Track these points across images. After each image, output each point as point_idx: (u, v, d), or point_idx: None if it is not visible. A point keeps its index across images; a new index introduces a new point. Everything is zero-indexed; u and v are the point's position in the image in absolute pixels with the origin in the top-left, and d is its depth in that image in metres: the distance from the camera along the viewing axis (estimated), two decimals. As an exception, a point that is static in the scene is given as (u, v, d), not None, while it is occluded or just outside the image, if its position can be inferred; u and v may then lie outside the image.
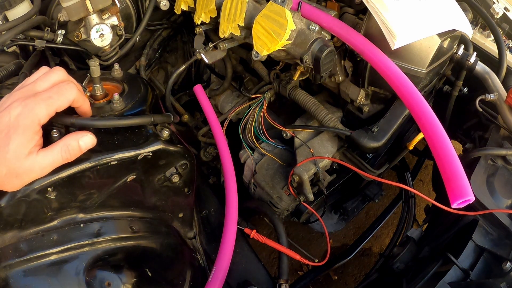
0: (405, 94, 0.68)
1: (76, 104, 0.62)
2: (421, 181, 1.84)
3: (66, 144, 0.56)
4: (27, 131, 0.52)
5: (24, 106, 0.52)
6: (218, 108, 1.15)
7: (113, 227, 0.72)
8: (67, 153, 0.57)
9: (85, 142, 0.58)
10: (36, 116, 0.53)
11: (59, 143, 0.56)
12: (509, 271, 0.69)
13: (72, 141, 0.57)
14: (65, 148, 0.56)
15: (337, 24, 0.77)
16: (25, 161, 0.53)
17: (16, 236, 0.64)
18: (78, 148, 0.58)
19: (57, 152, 0.56)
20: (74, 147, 0.57)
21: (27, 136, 0.52)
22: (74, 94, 0.59)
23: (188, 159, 0.79)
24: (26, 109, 0.52)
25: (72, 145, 0.57)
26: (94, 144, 0.60)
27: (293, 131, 0.94)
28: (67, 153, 0.57)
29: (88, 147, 0.59)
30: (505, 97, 0.87)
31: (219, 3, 0.84)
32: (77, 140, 0.57)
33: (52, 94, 0.56)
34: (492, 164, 0.87)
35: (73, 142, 0.57)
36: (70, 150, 0.57)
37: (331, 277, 1.53)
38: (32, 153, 0.53)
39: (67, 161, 0.58)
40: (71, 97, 0.58)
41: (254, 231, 0.89)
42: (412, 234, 0.89)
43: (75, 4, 0.79)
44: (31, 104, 0.53)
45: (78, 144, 0.57)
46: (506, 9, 1.11)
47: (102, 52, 0.95)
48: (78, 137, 0.57)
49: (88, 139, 0.58)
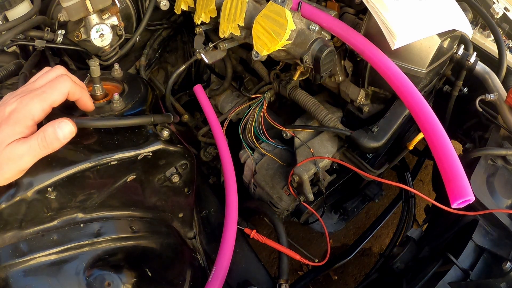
0: (405, 94, 0.68)
1: (73, 97, 0.60)
2: (421, 181, 1.84)
3: (43, 131, 0.54)
4: (17, 124, 0.52)
5: (19, 102, 0.53)
6: (218, 108, 1.15)
7: (113, 227, 0.72)
8: (43, 140, 0.54)
9: (62, 130, 0.55)
10: (29, 112, 0.53)
11: (37, 132, 0.54)
12: (509, 271, 0.69)
13: (48, 127, 0.54)
14: (41, 135, 0.54)
15: (337, 24, 0.77)
16: (5, 149, 0.52)
17: (16, 236, 0.64)
18: (55, 136, 0.54)
19: (34, 139, 0.54)
20: (50, 134, 0.54)
21: (16, 129, 0.52)
22: (67, 87, 0.57)
23: (188, 159, 0.79)
24: (20, 104, 0.53)
25: (48, 132, 0.54)
26: (73, 132, 0.56)
27: (293, 131, 0.94)
28: (43, 141, 0.54)
29: (66, 135, 0.55)
30: (505, 97, 0.87)
31: (219, 3, 0.84)
32: (54, 127, 0.54)
33: (45, 89, 0.55)
34: (492, 164, 0.87)
35: (49, 128, 0.54)
36: (46, 138, 0.54)
37: (331, 277, 1.53)
38: (13, 142, 0.53)
39: (45, 150, 0.55)
40: (64, 89, 0.57)
41: (254, 231, 0.89)
42: (412, 234, 0.89)
43: (75, 4, 0.79)
44: (25, 100, 0.53)
45: (55, 131, 0.54)
46: (506, 9, 1.11)
47: (102, 52, 0.95)
48: (55, 124, 0.54)
49: (66, 125, 0.55)
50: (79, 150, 0.67)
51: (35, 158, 0.55)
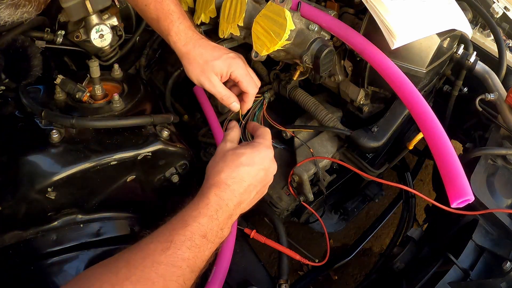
0: (405, 94, 0.68)
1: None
2: (421, 181, 1.84)
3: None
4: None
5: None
6: (218, 108, 1.15)
7: (113, 227, 0.72)
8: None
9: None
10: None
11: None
12: (509, 271, 0.69)
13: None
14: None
15: (336, 24, 0.77)
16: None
17: (16, 236, 0.64)
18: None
19: None
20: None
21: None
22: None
23: (188, 159, 0.79)
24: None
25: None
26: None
27: (293, 131, 0.94)
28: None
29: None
30: (505, 96, 0.87)
31: (219, 4, 0.84)
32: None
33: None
34: (492, 164, 0.87)
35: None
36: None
37: (331, 277, 1.53)
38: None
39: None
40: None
41: (254, 231, 0.89)
42: (412, 234, 0.89)
43: (75, 4, 0.79)
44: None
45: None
46: (506, 8, 1.11)
47: (102, 52, 0.95)
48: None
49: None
50: (79, 150, 0.67)
51: None
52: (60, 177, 0.64)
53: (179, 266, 0.51)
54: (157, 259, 0.50)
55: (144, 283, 0.48)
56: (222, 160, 0.64)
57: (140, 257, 0.50)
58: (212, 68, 0.74)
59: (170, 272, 0.50)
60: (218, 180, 0.61)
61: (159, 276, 0.49)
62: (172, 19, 0.75)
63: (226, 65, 0.75)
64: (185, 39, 0.76)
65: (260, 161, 0.65)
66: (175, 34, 0.75)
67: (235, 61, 0.76)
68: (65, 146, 0.67)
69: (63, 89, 0.75)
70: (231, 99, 0.78)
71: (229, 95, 0.77)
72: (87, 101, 0.75)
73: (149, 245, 0.51)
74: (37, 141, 0.67)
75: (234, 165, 0.62)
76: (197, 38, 0.76)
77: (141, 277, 0.48)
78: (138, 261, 0.49)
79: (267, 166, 0.66)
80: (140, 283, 0.47)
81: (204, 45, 0.76)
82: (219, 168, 0.62)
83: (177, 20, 0.75)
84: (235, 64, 0.76)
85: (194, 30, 0.78)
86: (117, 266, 0.49)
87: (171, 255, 0.50)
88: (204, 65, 0.75)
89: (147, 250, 0.51)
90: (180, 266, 0.51)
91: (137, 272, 0.48)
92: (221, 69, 0.75)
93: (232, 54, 0.77)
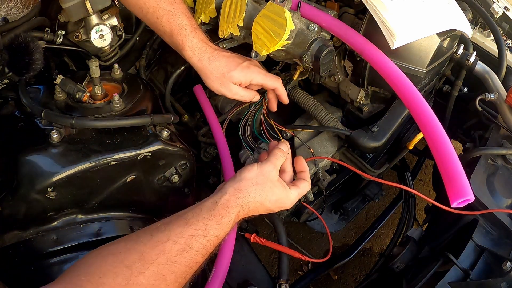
0: (405, 94, 0.68)
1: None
2: (421, 181, 1.84)
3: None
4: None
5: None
6: (218, 108, 1.15)
7: (113, 227, 0.72)
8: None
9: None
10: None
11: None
12: (509, 271, 0.69)
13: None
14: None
15: (336, 24, 0.77)
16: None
17: (16, 236, 0.64)
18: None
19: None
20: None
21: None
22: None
23: (187, 159, 0.79)
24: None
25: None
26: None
27: (293, 131, 0.94)
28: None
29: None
30: (505, 96, 0.87)
31: (219, 4, 0.84)
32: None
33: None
34: (492, 164, 0.87)
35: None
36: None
37: (331, 277, 1.53)
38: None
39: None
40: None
41: (254, 234, 0.89)
42: (412, 234, 0.89)
43: (75, 4, 0.79)
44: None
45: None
46: (506, 8, 1.11)
47: (102, 52, 0.95)
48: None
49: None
50: (79, 150, 0.67)
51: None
52: (60, 177, 0.64)
53: (190, 267, 0.54)
54: (172, 259, 0.52)
55: (157, 278, 0.50)
56: (263, 182, 0.67)
57: (155, 253, 0.52)
58: (230, 79, 0.78)
59: (182, 271, 0.53)
60: (246, 192, 0.64)
61: (171, 273, 0.52)
62: (185, 34, 0.77)
63: (243, 75, 0.79)
64: (199, 54, 0.78)
65: (286, 201, 0.70)
66: (189, 49, 0.78)
67: (250, 70, 0.79)
68: (65, 146, 0.67)
69: (63, 89, 0.75)
70: (255, 97, 0.84)
71: (252, 96, 0.83)
72: (87, 101, 0.75)
73: (165, 243, 0.53)
74: (37, 141, 0.67)
75: (266, 189, 0.66)
76: (211, 51, 0.79)
77: (154, 272, 0.50)
78: (153, 256, 0.51)
79: (287, 206, 0.71)
80: (153, 277, 0.50)
81: (218, 58, 0.78)
82: (254, 183, 0.66)
83: (190, 34, 0.77)
84: (252, 73, 0.79)
85: (208, 42, 0.80)
86: (129, 259, 0.50)
87: (186, 257, 0.54)
88: (222, 78, 0.78)
89: (163, 247, 0.52)
90: (191, 267, 0.54)
91: (151, 267, 0.50)
92: (239, 79, 0.79)
93: (246, 63, 0.80)
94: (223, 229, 0.59)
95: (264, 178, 0.66)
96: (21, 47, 0.68)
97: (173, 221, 0.57)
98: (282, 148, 0.73)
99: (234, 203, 0.62)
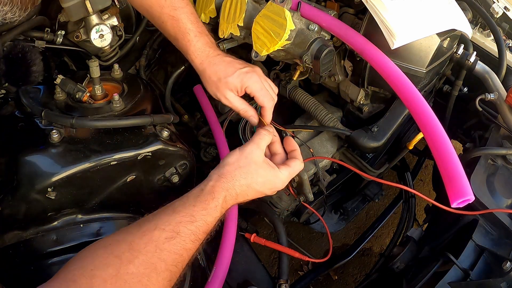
0: (405, 94, 0.68)
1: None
2: (421, 181, 1.84)
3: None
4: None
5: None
6: (218, 108, 1.15)
7: (113, 227, 0.72)
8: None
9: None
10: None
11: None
12: (509, 271, 0.69)
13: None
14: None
15: (336, 24, 0.77)
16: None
17: (16, 236, 0.64)
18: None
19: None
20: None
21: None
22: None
23: (187, 159, 0.79)
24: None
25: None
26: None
27: (293, 131, 0.94)
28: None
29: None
30: (505, 96, 0.87)
31: (219, 4, 0.84)
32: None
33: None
34: (492, 164, 0.87)
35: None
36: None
37: (331, 277, 1.53)
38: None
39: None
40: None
41: (254, 235, 0.89)
42: (412, 234, 0.89)
43: (75, 4, 0.79)
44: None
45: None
46: (506, 8, 1.11)
47: (102, 52, 0.95)
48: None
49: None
50: (79, 150, 0.67)
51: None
52: (60, 177, 0.64)
53: (180, 254, 0.54)
54: (161, 246, 0.52)
55: (147, 266, 0.50)
56: (247, 164, 0.66)
57: (143, 242, 0.52)
58: (226, 85, 0.76)
59: (172, 259, 0.53)
60: (230, 176, 0.64)
61: (161, 261, 0.52)
62: (189, 38, 0.77)
63: (239, 81, 0.76)
64: (201, 57, 0.78)
65: (276, 182, 0.69)
66: (192, 52, 0.78)
67: (248, 76, 0.77)
68: (65, 146, 0.67)
69: (63, 89, 0.75)
70: (249, 112, 0.79)
71: (246, 109, 0.79)
72: (87, 101, 0.75)
73: (153, 231, 0.53)
74: (37, 141, 0.67)
75: (251, 171, 0.66)
76: (213, 56, 0.78)
77: (144, 261, 0.50)
78: (141, 245, 0.51)
79: (278, 187, 0.70)
80: (143, 266, 0.50)
81: (218, 63, 0.78)
82: (237, 166, 0.65)
83: (194, 39, 0.77)
84: (249, 80, 0.76)
85: (211, 46, 0.79)
86: (119, 249, 0.51)
87: (175, 244, 0.54)
88: (218, 83, 0.77)
89: (150, 235, 0.53)
90: (181, 254, 0.54)
91: (140, 256, 0.51)
92: (235, 85, 0.77)
93: (246, 68, 0.77)
94: (211, 214, 0.59)
95: (247, 160, 0.66)
96: (19, 57, 0.67)
97: (161, 211, 0.58)
98: (267, 129, 0.73)
99: (219, 188, 0.62)
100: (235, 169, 0.65)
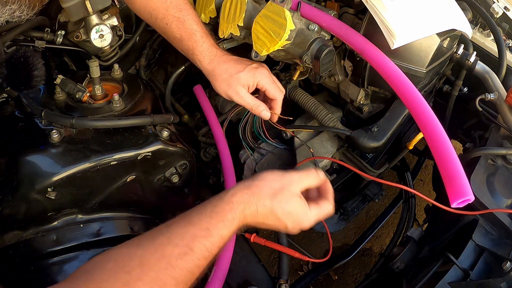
0: (405, 94, 0.68)
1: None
2: (421, 181, 1.84)
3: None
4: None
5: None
6: (218, 108, 1.15)
7: (113, 227, 0.72)
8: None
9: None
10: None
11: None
12: (509, 271, 0.69)
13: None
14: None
15: (336, 24, 0.77)
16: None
17: (16, 236, 0.64)
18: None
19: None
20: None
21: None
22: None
23: (187, 159, 0.79)
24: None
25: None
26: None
27: (293, 131, 0.94)
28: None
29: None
30: (505, 96, 0.87)
31: (219, 4, 0.84)
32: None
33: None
34: (492, 164, 0.87)
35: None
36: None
37: (331, 277, 1.53)
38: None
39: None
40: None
41: (254, 234, 0.89)
42: (412, 234, 0.89)
43: (75, 4, 0.79)
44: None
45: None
46: (506, 8, 1.11)
47: (102, 52, 0.95)
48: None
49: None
50: (79, 150, 0.67)
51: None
52: (60, 177, 0.64)
53: (192, 272, 0.51)
54: (173, 263, 0.50)
55: (156, 284, 0.48)
56: (280, 189, 0.61)
57: (155, 257, 0.50)
58: (238, 80, 0.77)
59: (183, 276, 0.50)
60: (257, 190, 0.60)
61: (172, 278, 0.49)
62: (195, 39, 0.78)
63: (251, 76, 0.77)
64: (210, 57, 0.78)
65: (303, 218, 0.64)
66: (199, 53, 0.78)
67: (259, 70, 0.79)
68: (65, 146, 0.67)
69: (63, 89, 0.75)
70: (261, 107, 0.80)
71: (258, 104, 0.79)
72: (87, 101, 0.75)
73: (166, 246, 0.51)
74: (37, 141, 0.67)
75: (282, 197, 0.61)
76: (221, 55, 0.79)
77: (154, 278, 0.48)
78: (153, 261, 0.49)
79: (303, 225, 0.65)
80: (152, 283, 0.48)
81: (227, 61, 0.79)
82: (269, 186, 0.61)
83: (201, 39, 0.78)
84: (260, 74, 0.78)
85: (217, 46, 0.81)
86: (130, 265, 0.49)
87: (188, 261, 0.51)
88: (230, 79, 0.77)
89: (163, 251, 0.50)
90: (193, 272, 0.52)
91: (151, 273, 0.48)
92: (247, 80, 0.77)
93: (255, 64, 0.79)
94: (227, 227, 0.55)
95: (282, 185, 0.61)
96: (21, 62, 0.67)
97: (176, 221, 0.55)
98: (318, 172, 0.68)
99: (240, 198, 0.57)
100: (266, 187, 0.60)
